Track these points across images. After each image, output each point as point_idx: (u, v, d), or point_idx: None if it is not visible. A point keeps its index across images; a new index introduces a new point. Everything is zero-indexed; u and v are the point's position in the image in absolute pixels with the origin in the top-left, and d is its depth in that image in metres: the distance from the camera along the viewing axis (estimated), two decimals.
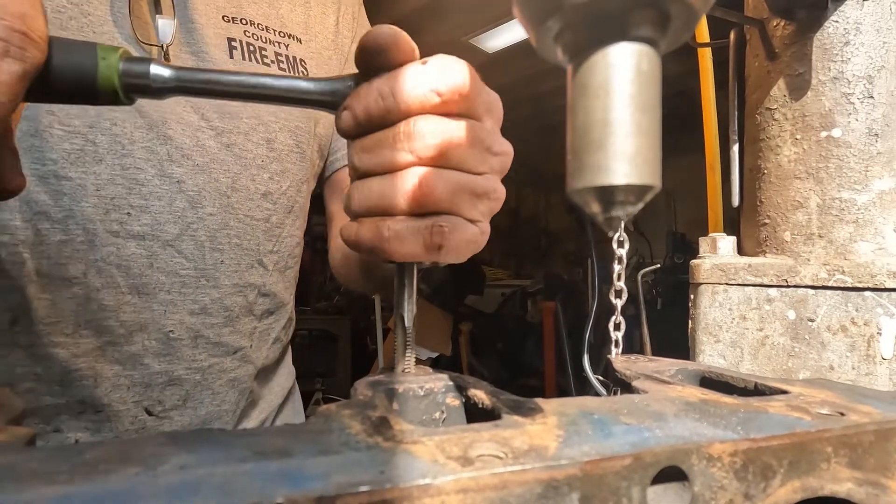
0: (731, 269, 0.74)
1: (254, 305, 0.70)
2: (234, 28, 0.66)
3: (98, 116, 0.57)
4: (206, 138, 0.63)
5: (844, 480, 0.27)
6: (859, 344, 0.67)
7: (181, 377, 0.63)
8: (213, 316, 0.65)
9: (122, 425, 0.61)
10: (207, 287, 0.64)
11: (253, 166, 0.67)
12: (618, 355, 0.52)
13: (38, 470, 0.20)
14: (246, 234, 0.67)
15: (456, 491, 0.20)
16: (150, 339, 0.61)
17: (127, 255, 0.59)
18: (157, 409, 0.62)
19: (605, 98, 0.21)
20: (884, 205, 0.69)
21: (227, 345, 0.67)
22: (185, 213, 0.61)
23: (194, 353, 0.64)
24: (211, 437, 0.23)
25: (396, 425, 0.25)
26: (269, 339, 0.74)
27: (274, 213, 0.70)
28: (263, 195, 0.68)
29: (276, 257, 0.72)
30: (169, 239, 0.61)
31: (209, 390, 0.66)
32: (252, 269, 0.68)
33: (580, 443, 0.24)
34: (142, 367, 0.61)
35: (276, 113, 0.68)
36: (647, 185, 0.21)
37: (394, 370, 0.38)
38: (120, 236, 0.58)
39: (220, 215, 0.64)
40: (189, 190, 0.62)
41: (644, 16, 0.21)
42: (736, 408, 0.30)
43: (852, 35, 0.69)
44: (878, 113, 0.69)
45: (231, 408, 0.69)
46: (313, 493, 0.19)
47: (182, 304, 0.62)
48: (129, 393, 0.60)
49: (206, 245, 0.63)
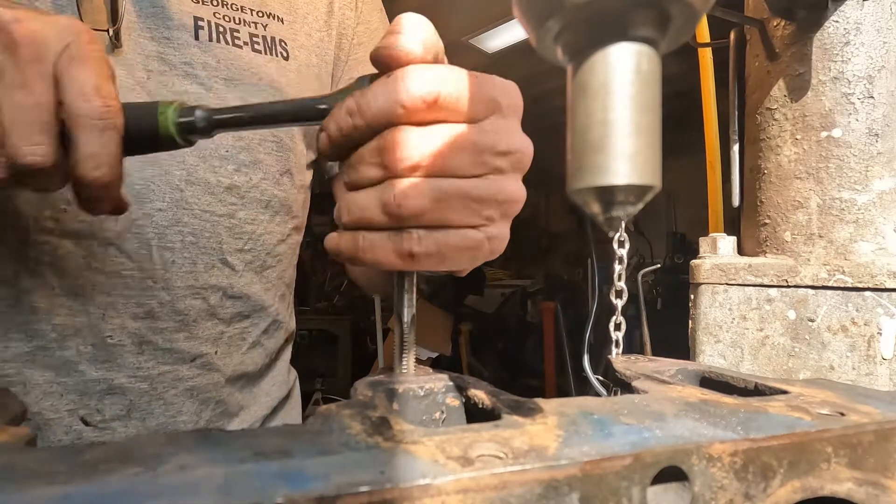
0: (732, 269, 0.74)
1: (218, 309, 0.65)
2: (203, 9, 0.62)
3: None
4: None
5: (844, 480, 0.27)
6: (859, 344, 0.67)
7: (123, 385, 0.59)
8: (161, 320, 0.60)
9: (55, 435, 0.57)
10: (155, 289, 0.59)
11: (214, 157, 0.62)
12: (618, 355, 0.52)
13: (38, 470, 0.20)
14: (203, 232, 0.62)
15: (456, 491, 0.20)
16: (86, 345, 0.57)
17: (62, 255, 0.55)
18: (94, 419, 0.58)
19: (605, 98, 0.21)
20: (884, 205, 0.69)
21: (182, 351, 0.62)
22: (130, 210, 0.59)
23: (138, 360, 0.59)
24: (211, 437, 0.23)
25: (396, 425, 0.25)
26: (244, 344, 0.69)
27: (241, 209, 0.65)
28: (227, 189, 0.63)
29: (248, 256, 0.67)
30: (110, 237, 0.56)
31: (160, 400, 0.61)
32: (213, 270, 0.63)
33: (580, 443, 0.24)
34: (76, 373, 0.57)
35: (245, 99, 0.63)
36: (648, 185, 0.21)
37: (394, 370, 0.38)
38: (54, 234, 0.54)
39: (170, 211, 0.59)
40: (135, 184, 0.57)
41: (644, 16, 0.21)
42: (736, 408, 0.30)
43: (852, 35, 0.69)
44: (879, 113, 0.69)
45: (190, 419, 0.64)
46: (313, 493, 0.19)
47: (124, 308, 0.58)
48: (61, 401, 0.57)
49: (154, 244, 0.59)
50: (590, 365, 0.80)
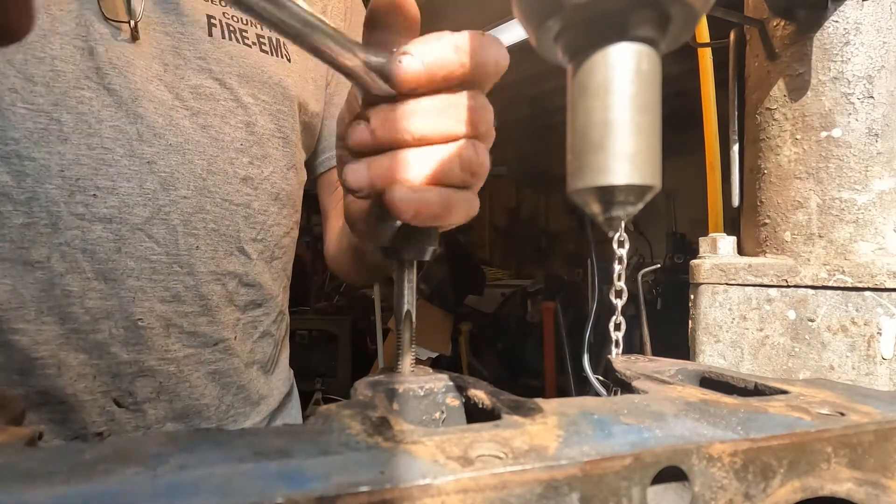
0: (732, 269, 0.74)
1: (234, 295, 0.67)
2: (214, 8, 0.64)
3: (63, 94, 0.55)
4: (181, 118, 0.61)
5: (844, 480, 0.27)
6: (859, 344, 0.67)
7: (153, 368, 0.60)
8: (186, 304, 0.62)
9: (90, 417, 0.59)
10: (181, 274, 0.61)
11: (231, 149, 0.64)
12: (618, 355, 0.52)
13: (38, 470, 0.20)
14: (224, 220, 0.64)
15: (456, 491, 0.20)
16: (118, 327, 0.58)
17: (93, 240, 0.56)
18: (126, 401, 0.60)
19: (605, 98, 0.21)
20: (884, 205, 0.69)
21: (206, 335, 0.64)
22: (157, 196, 0.59)
23: (167, 342, 0.61)
24: (211, 437, 0.23)
25: (396, 425, 0.25)
26: (256, 332, 0.72)
27: (255, 199, 0.67)
28: (243, 180, 0.66)
29: (260, 246, 0.69)
30: (138, 223, 0.58)
31: (186, 382, 0.63)
32: (231, 257, 0.66)
33: (580, 443, 0.24)
34: (108, 356, 0.58)
35: (255, 96, 0.66)
36: (647, 185, 0.21)
37: (394, 370, 0.38)
38: (85, 219, 0.56)
39: (194, 198, 0.61)
40: (161, 171, 0.59)
41: (644, 16, 0.21)
42: (736, 408, 0.30)
43: (852, 35, 0.69)
44: (878, 113, 0.69)
45: (213, 402, 0.66)
46: (313, 493, 0.19)
47: (152, 292, 0.60)
48: (95, 383, 0.58)
49: (180, 229, 0.61)
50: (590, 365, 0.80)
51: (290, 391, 0.83)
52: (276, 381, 0.78)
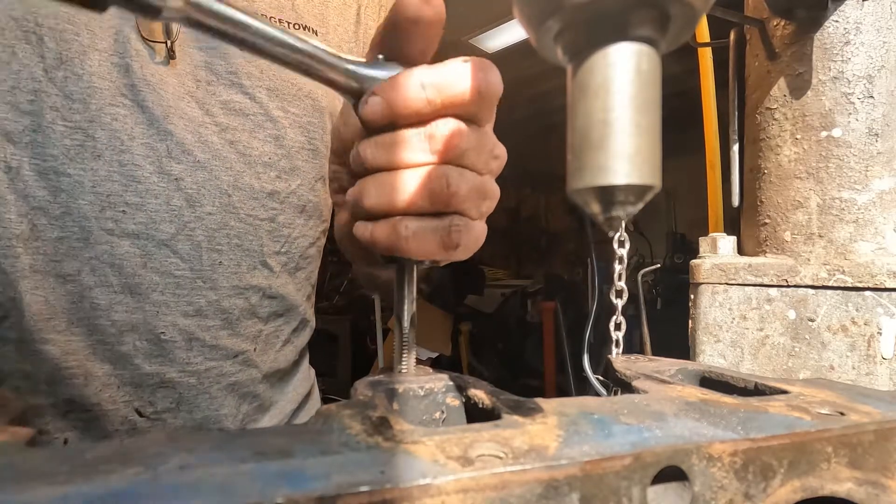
0: (732, 269, 0.74)
1: (257, 308, 0.68)
2: None
3: (98, 111, 0.56)
4: (209, 134, 0.62)
5: (844, 480, 0.27)
6: (859, 344, 0.67)
7: (173, 380, 0.62)
8: (209, 318, 0.63)
9: (112, 425, 0.60)
10: (204, 289, 0.62)
11: (258, 164, 0.65)
12: (618, 355, 0.52)
13: (38, 470, 0.20)
14: (248, 235, 0.65)
15: (456, 491, 0.20)
16: (141, 340, 0.60)
17: (120, 254, 0.58)
18: (148, 411, 0.61)
19: (605, 98, 0.21)
20: (884, 205, 0.69)
21: (226, 348, 0.65)
22: (182, 212, 0.60)
23: (188, 355, 0.62)
24: (211, 437, 0.23)
25: (396, 425, 0.25)
26: (278, 342, 0.73)
27: (281, 213, 0.68)
28: (269, 194, 0.67)
29: (284, 258, 0.70)
30: (164, 238, 0.60)
31: (206, 394, 0.64)
32: (255, 271, 0.67)
33: (580, 443, 0.24)
34: (132, 367, 0.60)
35: (285, 109, 0.67)
36: (647, 185, 0.21)
37: (394, 370, 0.38)
38: (114, 234, 0.58)
39: (219, 214, 0.63)
40: (188, 188, 0.60)
41: (644, 16, 0.21)
42: (736, 408, 0.30)
43: (852, 35, 0.69)
44: (879, 113, 0.69)
45: (231, 412, 0.68)
46: (313, 493, 0.19)
47: (175, 306, 0.61)
48: (118, 392, 0.60)
49: (204, 245, 0.62)
50: (590, 365, 0.80)
51: (310, 392, 0.84)
52: (290, 388, 0.79)
